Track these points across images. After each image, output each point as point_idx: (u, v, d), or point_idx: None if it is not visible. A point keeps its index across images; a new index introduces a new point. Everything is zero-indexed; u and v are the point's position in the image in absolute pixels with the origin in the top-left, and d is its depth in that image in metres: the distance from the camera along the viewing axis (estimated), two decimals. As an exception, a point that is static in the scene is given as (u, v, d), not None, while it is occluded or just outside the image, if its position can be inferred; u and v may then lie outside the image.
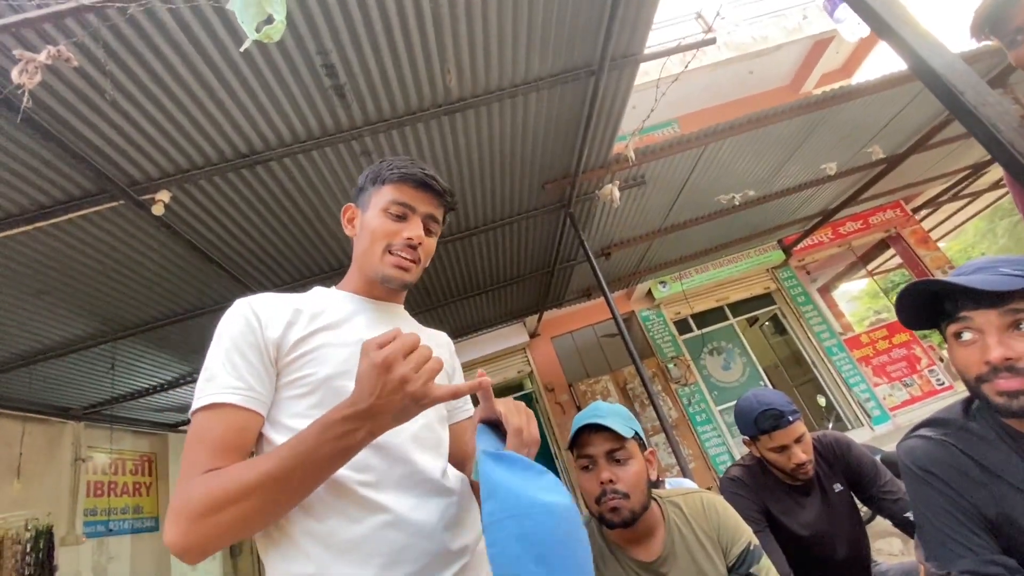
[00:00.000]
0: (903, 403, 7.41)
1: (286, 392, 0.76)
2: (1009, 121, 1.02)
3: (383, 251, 0.89)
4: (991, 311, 0.80)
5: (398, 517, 0.71)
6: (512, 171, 3.60)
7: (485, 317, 6.60)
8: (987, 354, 0.79)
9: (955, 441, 0.88)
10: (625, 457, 1.17)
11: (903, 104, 4.60)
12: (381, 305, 0.93)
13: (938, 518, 0.86)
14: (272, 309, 0.79)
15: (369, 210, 0.92)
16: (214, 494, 0.61)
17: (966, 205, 9.69)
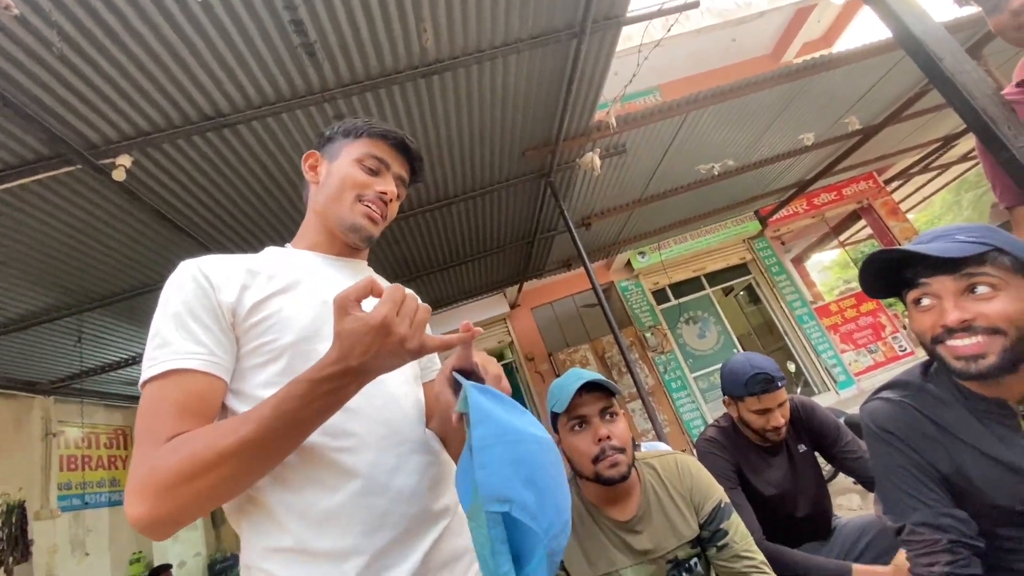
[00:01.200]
0: (867, 368, 7.74)
1: (249, 360, 0.72)
2: (984, 89, 1.03)
3: (353, 200, 0.86)
4: (947, 277, 0.82)
5: (377, 482, 0.69)
6: (492, 138, 3.52)
7: (465, 288, 6.58)
8: (944, 318, 0.82)
9: (914, 402, 0.92)
10: (615, 412, 1.21)
11: (880, 75, 4.63)
12: (343, 262, 0.90)
13: (896, 475, 0.91)
14: (223, 271, 0.74)
15: (339, 159, 0.89)
16: (185, 462, 0.56)
17: (935, 177, 9.94)
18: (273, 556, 0.65)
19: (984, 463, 0.85)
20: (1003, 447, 0.84)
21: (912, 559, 0.89)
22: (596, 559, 1.19)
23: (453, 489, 0.80)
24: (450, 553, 0.73)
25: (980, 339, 0.79)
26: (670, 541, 1.19)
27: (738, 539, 1.19)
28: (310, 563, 0.64)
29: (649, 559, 1.18)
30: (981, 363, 0.79)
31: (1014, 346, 0.78)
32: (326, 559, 0.64)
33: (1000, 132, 0.98)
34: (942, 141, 7.28)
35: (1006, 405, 0.85)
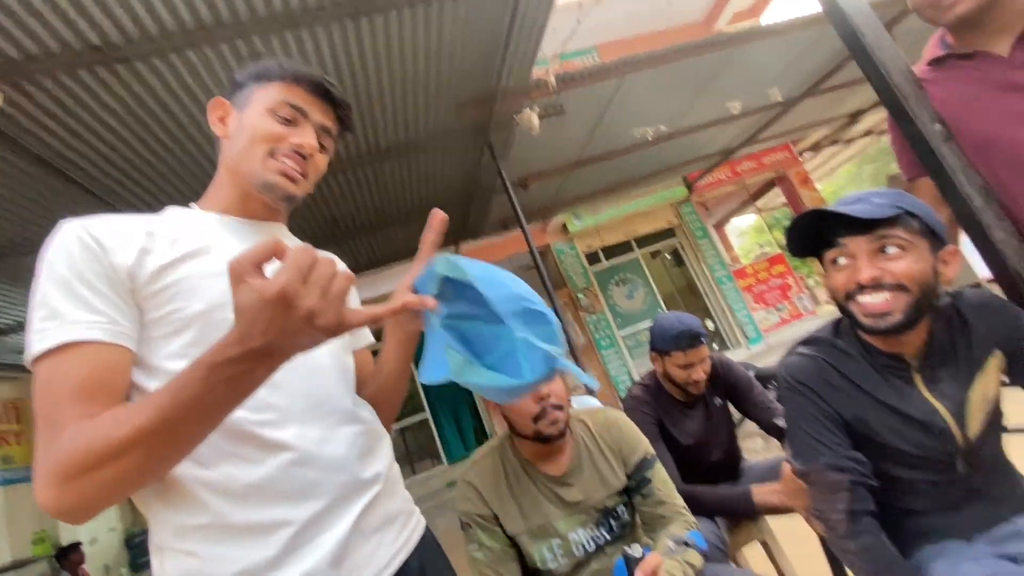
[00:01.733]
0: (775, 326, 8.49)
1: (154, 330, 0.64)
2: (899, 66, 1.09)
3: (265, 154, 0.75)
4: (862, 237, 0.88)
5: (304, 453, 0.66)
6: (426, 90, 3.35)
7: (399, 249, 6.39)
8: (857, 275, 0.88)
9: (824, 356, 1.00)
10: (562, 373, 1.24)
11: (802, 49, 4.86)
12: (259, 226, 0.80)
13: (806, 423, 0.99)
14: (115, 232, 0.65)
15: (250, 108, 0.77)
16: (82, 453, 0.51)
17: (841, 150, 10.78)
18: (190, 534, 0.61)
19: (881, 411, 0.94)
20: (898, 397, 0.93)
21: (815, 498, 0.98)
22: (530, 513, 1.23)
23: (384, 456, 0.79)
24: (383, 517, 0.72)
25: (887, 295, 0.86)
26: (600, 492, 1.26)
27: (660, 487, 1.28)
28: (232, 538, 0.61)
29: (580, 509, 1.24)
30: (888, 319, 0.87)
31: (916, 303, 0.86)
32: (249, 532, 0.61)
33: (909, 108, 1.06)
34: (850, 116, 7.86)
35: (902, 359, 0.94)
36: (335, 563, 0.64)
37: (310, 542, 0.64)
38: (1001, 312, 0.95)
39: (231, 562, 0.60)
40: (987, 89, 1.01)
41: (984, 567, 0.84)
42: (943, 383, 0.93)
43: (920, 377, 0.93)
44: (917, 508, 0.96)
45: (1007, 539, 0.88)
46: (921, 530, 0.95)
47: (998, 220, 1.02)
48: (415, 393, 8.09)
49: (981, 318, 0.94)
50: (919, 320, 0.88)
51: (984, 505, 0.92)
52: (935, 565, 0.91)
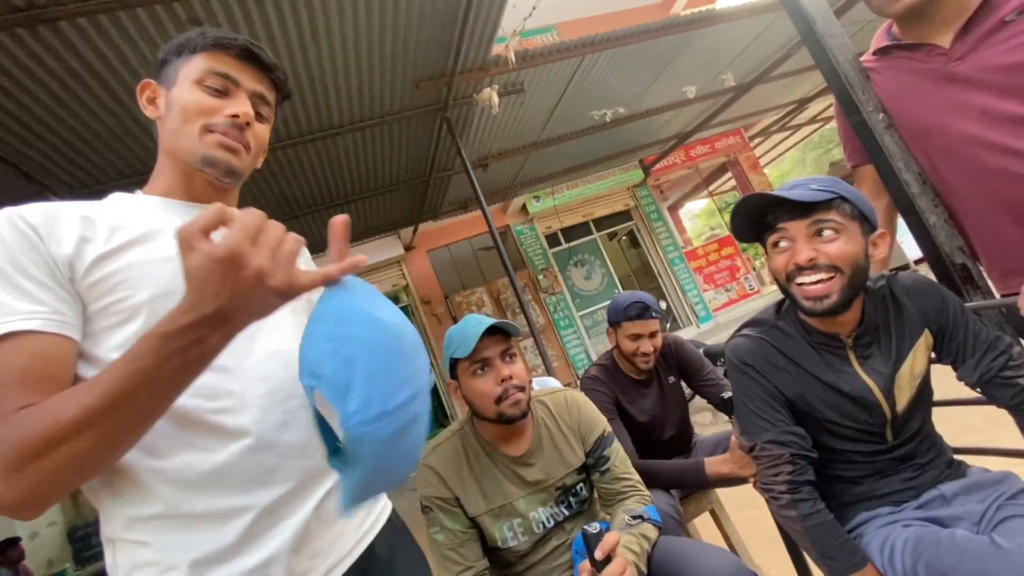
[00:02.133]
0: (723, 305, 8.86)
1: (99, 322, 0.60)
2: (847, 53, 1.13)
3: (201, 129, 0.70)
4: (801, 221, 0.93)
5: (262, 439, 0.64)
6: (381, 64, 3.22)
7: (357, 229, 6.21)
8: (796, 256, 0.93)
9: (767, 337, 1.05)
10: (514, 353, 1.24)
11: (755, 35, 4.99)
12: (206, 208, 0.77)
13: (751, 401, 1.04)
14: (52, 221, 0.61)
15: (177, 84, 0.72)
16: (28, 439, 0.47)
17: (788, 136, 11.23)
18: (142, 525, 0.59)
19: (819, 388, 1.00)
20: (833, 374, 1.00)
21: (760, 471, 1.05)
22: (491, 494, 1.24)
23: None
24: None
25: (822, 277, 0.91)
26: (559, 470, 1.28)
27: (618, 463, 1.32)
28: (186, 526, 0.59)
29: (540, 488, 1.26)
30: (826, 302, 0.92)
31: (850, 283, 0.92)
32: (206, 520, 0.60)
33: (856, 96, 1.10)
34: (797, 103, 8.18)
35: (838, 338, 1.00)
36: (296, 549, 0.63)
37: (270, 528, 0.62)
38: (930, 293, 1.01)
39: (184, 550, 0.59)
40: (927, 80, 1.06)
41: (910, 530, 0.91)
42: (874, 359, 0.99)
43: (853, 355, 0.99)
44: (851, 476, 1.03)
45: (933, 503, 0.96)
46: (855, 497, 1.02)
47: (932, 206, 1.09)
48: (373, 376, 7.97)
49: (912, 299, 1.00)
50: (853, 300, 0.94)
51: (912, 473, 1.00)
52: (867, 528, 0.98)
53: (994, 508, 0.90)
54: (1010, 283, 1.06)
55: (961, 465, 1.03)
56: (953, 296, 1.00)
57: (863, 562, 0.92)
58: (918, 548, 0.86)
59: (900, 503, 0.98)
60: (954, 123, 1.04)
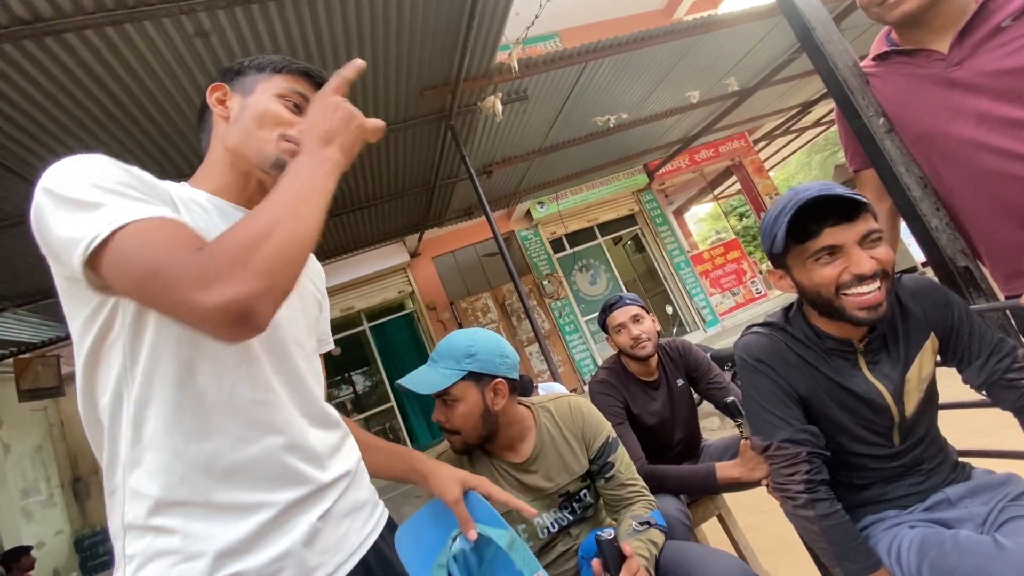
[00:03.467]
0: (730, 309, 8.82)
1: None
2: (846, 60, 1.14)
3: (278, 137, 0.76)
4: (849, 227, 0.88)
5: (293, 441, 0.68)
6: (387, 73, 3.26)
7: (362, 236, 6.25)
8: (858, 267, 0.87)
9: (778, 336, 1.04)
10: (452, 400, 1.20)
11: (757, 39, 4.99)
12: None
13: (764, 398, 1.01)
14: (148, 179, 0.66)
15: (256, 94, 0.78)
16: (241, 237, 0.55)
17: (793, 139, 11.19)
18: (168, 510, 0.60)
19: (831, 387, 0.99)
20: (845, 378, 0.98)
21: (775, 472, 1.02)
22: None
23: (351, 454, 0.81)
24: (351, 504, 0.75)
25: (877, 285, 0.87)
26: (562, 477, 1.28)
27: (623, 469, 1.31)
28: (211, 517, 0.61)
29: (543, 495, 1.26)
30: (880, 310, 0.88)
31: (890, 287, 0.91)
32: (229, 512, 0.61)
33: (856, 102, 1.11)
34: (801, 107, 8.16)
35: (850, 343, 0.98)
36: (309, 543, 0.66)
37: (285, 524, 0.65)
38: (935, 296, 1.00)
39: (210, 539, 0.60)
40: (927, 85, 1.07)
41: (916, 531, 0.91)
42: (883, 364, 0.98)
43: (863, 360, 0.98)
44: (860, 481, 1.02)
45: (939, 506, 0.96)
46: (862, 501, 1.02)
47: (934, 209, 1.09)
48: (380, 383, 8.00)
49: (918, 303, 0.99)
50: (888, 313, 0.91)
51: (919, 477, 0.99)
52: (874, 530, 0.98)
53: (998, 509, 0.90)
54: (1014, 285, 1.06)
55: (966, 468, 1.03)
56: (958, 298, 1.00)
57: (877, 564, 0.91)
58: (923, 549, 0.86)
59: (906, 507, 0.98)
60: (954, 127, 1.04)
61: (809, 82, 6.88)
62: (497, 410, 1.21)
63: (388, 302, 8.26)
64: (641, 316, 1.81)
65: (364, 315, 8.00)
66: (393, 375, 7.90)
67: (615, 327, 1.82)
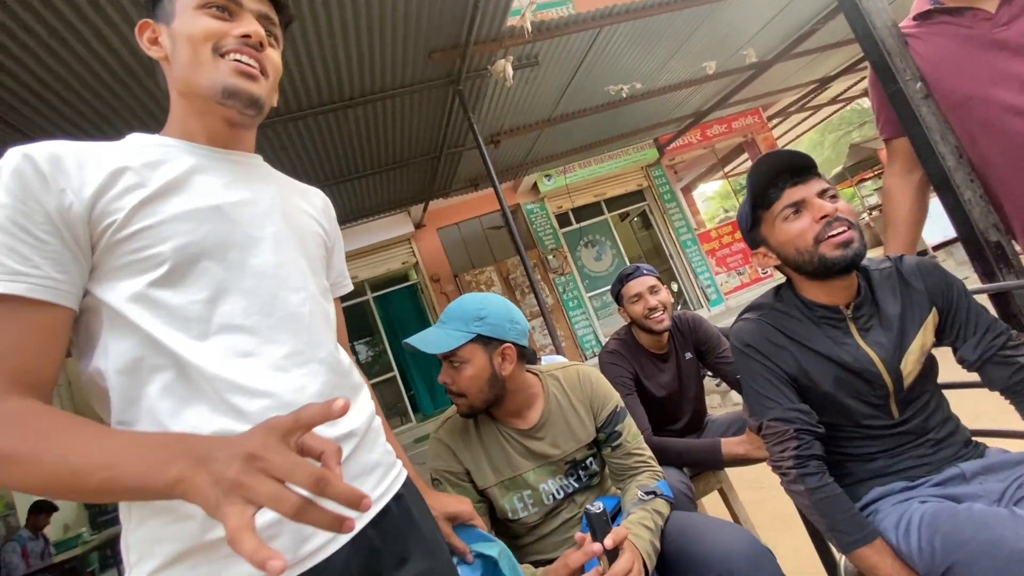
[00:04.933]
0: (735, 288, 8.78)
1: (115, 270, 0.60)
2: (884, 19, 1.07)
3: (211, 55, 0.67)
4: (805, 184, 0.98)
5: (282, 401, 0.63)
6: (394, 34, 3.15)
7: (367, 205, 6.18)
8: (822, 210, 0.96)
9: (767, 319, 1.07)
10: (459, 362, 1.19)
11: (779, 8, 4.80)
12: (235, 156, 0.74)
13: (755, 381, 1.06)
14: (72, 166, 0.58)
15: (177, 16, 0.69)
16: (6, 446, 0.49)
17: (808, 117, 10.94)
18: None
19: (821, 362, 1.01)
20: (835, 346, 1.01)
21: (768, 449, 1.06)
22: (500, 465, 1.24)
23: (362, 409, 0.76)
24: (360, 467, 0.71)
25: (846, 227, 0.95)
26: (569, 444, 1.27)
27: (630, 439, 1.31)
28: None
29: (549, 461, 1.26)
30: (853, 247, 0.94)
31: (861, 235, 0.96)
32: None
33: (892, 64, 1.04)
34: (819, 82, 7.93)
35: (838, 310, 1.01)
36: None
37: None
38: (935, 273, 1.03)
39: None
40: (970, 46, 1.00)
41: (927, 505, 0.90)
42: (875, 332, 1.00)
43: (854, 327, 1.01)
44: (863, 452, 1.03)
45: (952, 481, 0.95)
46: (870, 473, 1.02)
47: (968, 180, 1.04)
48: (383, 352, 8.05)
49: (919, 279, 1.03)
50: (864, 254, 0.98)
51: (928, 449, 0.99)
52: (882, 504, 0.98)
53: (1015, 486, 0.89)
54: (1048, 262, 1.02)
55: (979, 446, 1.02)
56: (955, 277, 1.02)
57: (872, 535, 0.92)
58: (935, 522, 0.85)
59: (915, 479, 0.98)
60: (996, 93, 0.99)
61: (829, 56, 6.66)
62: (504, 375, 1.20)
63: (392, 273, 8.25)
64: (657, 287, 1.79)
65: (368, 285, 7.99)
66: (396, 346, 7.94)
67: (631, 297, 1.79)
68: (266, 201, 0.72)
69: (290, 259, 0.71)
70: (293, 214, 0.76)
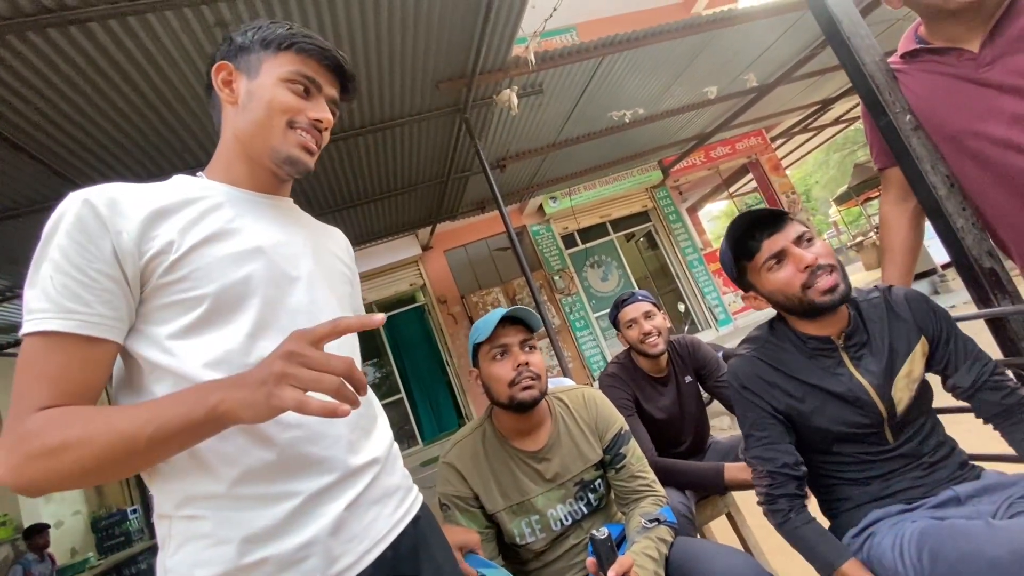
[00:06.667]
0: (743, 308, 8.73)
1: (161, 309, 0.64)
2: (873, 55, 1.12)
3: (284, 126, 0.73)
4: (779, 233, 1.02)
5: (312, 431, 0.67)
6: (403, 65, 3.26)
7: (375, 228, 6.28)
8: (803, 261, 0.99)
9: (759, 354, 1.11)
10: (534, 346, 1.27)
11: (778, 34, 4.90)
12: (272, 200, 0.79)
13: (746, 418, 1.10)
14: (127, 209, 0.63)
15: (261, 76, 0.74)
16: (53, 436, 0.53)
17: (811, 137, 11.01)
18: (200, 502, 0.62)
19: (814, 393, 1.04)
20: (828, 377, 1.04)
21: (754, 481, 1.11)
22: (510, 490, 1.25)
23: (383, 435, 0.80)
24: (381, 491, 0.74)
25: (829, 272, 0.98)
26: (577, 465, 1.29)
27: (634, 461, 1.32)
28: (238, 507, 0.62)
29: (558, 484, 1.27)
30: (839, 290, 0.98)
31: (844, 275, 0.99)
32: (256, 501, 0.63)
33: (882, 98, 1.09)
34: (821, 104, 8.02)
35: (830, 341, 1.05)
36: (335, 532, 0.66)
37: (313, 511, 0.65)
38: (921, 304, 1.06)
39: (237, 526, 0.62)
40: (958, 84, 1.04)
41: (917, 524, 0.92)
42: (867, 360, 1.03)
43: (847, 356, 1.04)
44: (858, 477, 1.05)
45: (947, 504, 0.97)
46: (868, 497, 1.04)
47: (960, 208, 1.07)
48: (390, 374, 8.06)
49: (906, 309, 1.06)
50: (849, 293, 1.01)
51: (921, 472, 1.02)
52: (880, 527, 0.99)
53: (1005, 506, 0.91)
54: (1042, 288, 1.04)
55: (975, 468, 1.04)
56: (942, 308, 1.06)
57: (846, 555, 0.96)
58: (923, 539, 0.88)
59: (912, 500, 0.99)
60: (986, 127, 1.02)
61: (829, 79, 6.75)
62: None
63: (399, 295, 8.31)
64: (652, 312, 1.82)
65: (376, 307, 8.05)
66: (404, 368, 7.95)
67: (626, 323, 1.82)
68: (299, 242, 0.77)
69: (322, 296, 0.76)
70: (323, 255, 0.82)
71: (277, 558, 0.62)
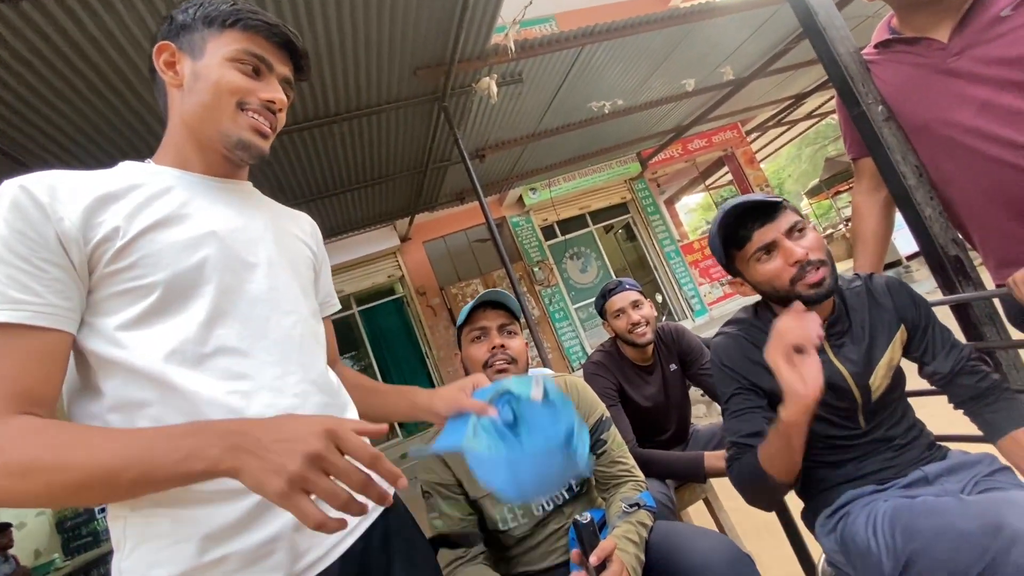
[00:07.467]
0: (718, 299, 8.92)
1: (110, 298, 0.61)
2: (848, 46, 1.14)
3: (234, 109, 0.69)
4: (772, 224, 0.99)
5: None
6: (379, 51, 3.19)
7: (352, 219, 6.17)
8: (792, 256, 0.97)
9: (744, 334, 1.11)
10: (514, 331, 1.26)
11: (755, 28, 4.97)
12: (229, 185, 0.75)
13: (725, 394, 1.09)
14: (67, 195, 0.59)
15: (206, 56, 0.70)
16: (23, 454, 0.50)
17: (785, 131, 11.24)
18: (157, 501, 0.59)
19: None
20: None
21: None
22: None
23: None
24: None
25: (817, 267, 0.97)
26: (558, 452, 1.30)
27: (615, 448, 1.33)
28: (197, 503, 0.60)
29: (540, 471, 1.27)
30: (826, 284, 0.97)
31: (832, 267, 0.99)
32: (216, 497, 0.60)
33: (856, 88, 1.11)
34: (794, 98, 8.18)
35: None
36: (300, 526, 0.64)
37: (274, 507, 0.63)
38: (902, 292, 1.08)
39: (196, 524, 0.59)
40: (928, 74, 1.07)
41: (889, 503, 0.95)
42: (846, 348, 1.04)
43: (827, 344, 1.05)
44: (834, 460, 1.08)
45: (917, 484, 1.00)
46: (840, 479, 1.07)
47: (928, 198, 1.10)
48: (368, 367, 7.99)
49: (887, 298, 1.07)
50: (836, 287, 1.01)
51: (892, 453, 1.05)
52: (854, 507, 1.03)
53: (971, 484, 0.95)
54: (1005, 274, 1.08)
55: (942, 449, 1.08)
56: (921, 296, 1.07)
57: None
58: (896, 516, 0.90)
59: (883, 481, 1.02)
60: (955, 116, 1.05)
61: (803, 74, 6.89)
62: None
63: (378, 286, 8.21)
64: (640, 302, 1.82)
65: (353, 299, 7.95)
66: (383, 360, 7.88)
67: (614, 312, 1.82)
68: (258, 227, 0.74)
69: (282, 283, 0.73)
70: (284, 238, 0.78)
71: (240, 554, 0.59)
